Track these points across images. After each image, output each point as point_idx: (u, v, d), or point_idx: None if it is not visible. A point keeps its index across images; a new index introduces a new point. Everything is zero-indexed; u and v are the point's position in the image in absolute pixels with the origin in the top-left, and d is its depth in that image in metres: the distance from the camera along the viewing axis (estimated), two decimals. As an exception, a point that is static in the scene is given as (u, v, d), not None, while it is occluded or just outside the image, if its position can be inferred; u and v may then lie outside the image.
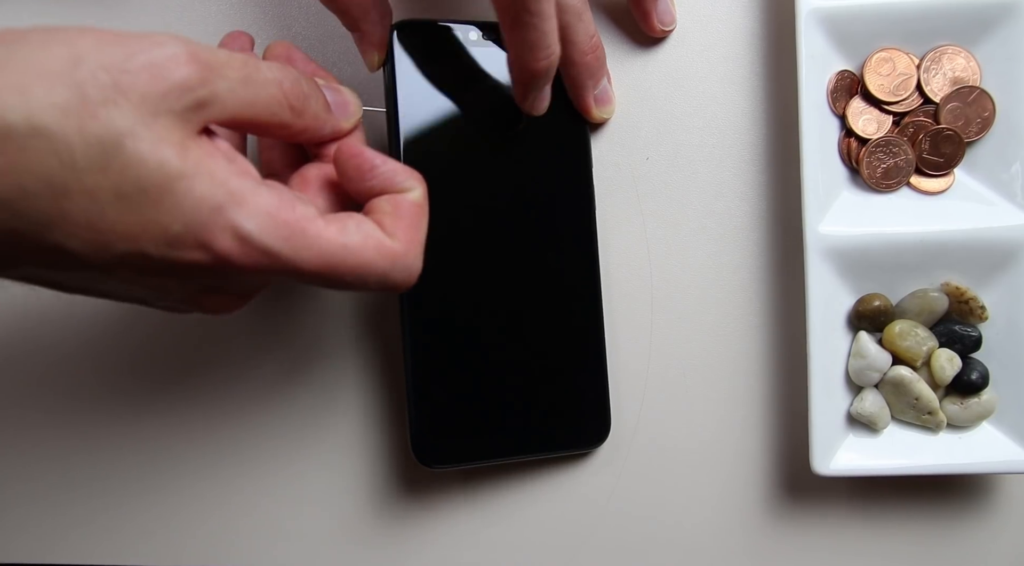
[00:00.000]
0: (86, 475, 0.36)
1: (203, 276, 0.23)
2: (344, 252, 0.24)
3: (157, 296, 0.25)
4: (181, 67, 0.22)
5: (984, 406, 0.32)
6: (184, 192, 0.22)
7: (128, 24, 0.35)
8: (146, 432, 0.35)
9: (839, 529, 0.35)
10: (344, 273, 0.24)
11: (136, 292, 0.24)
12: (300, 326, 0.35)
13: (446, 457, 0.33)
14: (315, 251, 0.23)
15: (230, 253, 0.22)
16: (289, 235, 0.23)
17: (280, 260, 0.23)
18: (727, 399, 0.35)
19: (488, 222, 0.32)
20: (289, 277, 0.24)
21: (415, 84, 0.32)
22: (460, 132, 0.32)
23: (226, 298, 0.26)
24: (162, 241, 0.22)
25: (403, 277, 0.25)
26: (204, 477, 0.35)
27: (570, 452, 0.34)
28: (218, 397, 0.35)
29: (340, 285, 0.25)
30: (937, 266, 0.32)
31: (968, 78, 0.32)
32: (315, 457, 0.35)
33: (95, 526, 0.36)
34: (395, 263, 0.25)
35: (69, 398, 0.35)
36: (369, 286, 0.25)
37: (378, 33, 0.30)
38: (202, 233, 0.22)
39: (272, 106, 0.24)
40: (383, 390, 0.35)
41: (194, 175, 0.22)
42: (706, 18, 0.35)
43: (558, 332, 0.33)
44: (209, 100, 0.23)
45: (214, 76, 0.23)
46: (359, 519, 0.35)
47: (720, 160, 0.35)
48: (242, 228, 0.22)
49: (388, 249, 0.25)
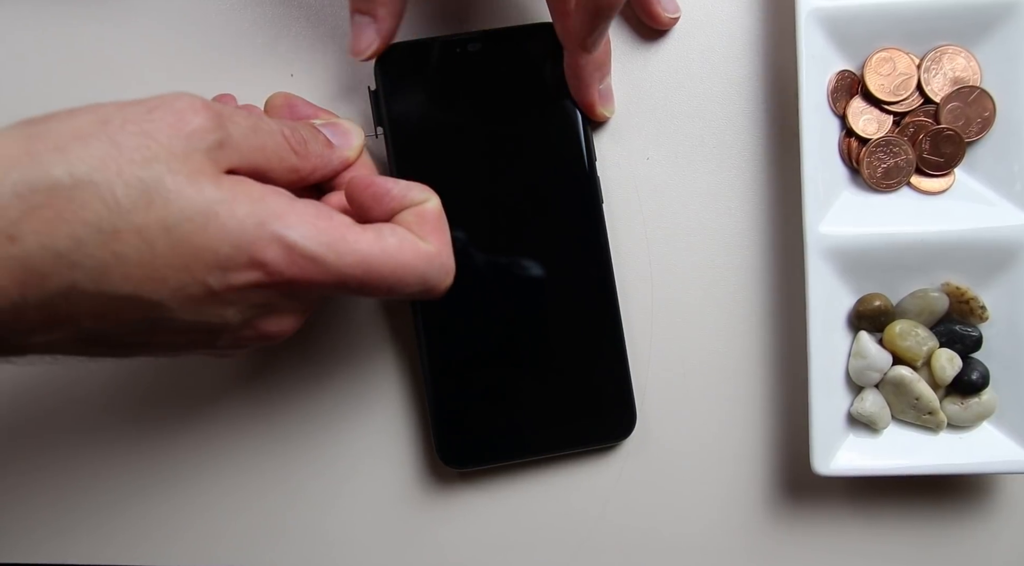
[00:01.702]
0: (88, 475, 0.35)
1: (257, 297, 0.24)
2: (383, 255, 0.25)
3: (213, 335, 0.25)
4: (199, 113, 0.24)
5: (984, 406, 0.32)
6: (228, 215, 0.23)
7: (128, 25, 0.35)
8: (155, 435, 0.35)
9: (839, 529, 0.35)
10: (386, 275, 0.25)
11: (195, 337, 0.25)
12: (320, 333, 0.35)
13: (471, 458, 0.33)
14: (356, 255, 0.24)
15: (279, 264, 0.23)
16: (330, 241, 0.24)
17: (325, 266, 0.24)
18: (727, 399, 0.35)
19: (498, 225, 0.32)
20: (334, 285, 0.25)
21: (406, 106, 0.32)
22: (459, 142, 0.32)
23: (281, 318, 0.26)
24: (215, 265, 0.23)
25: (440, 276, 0.27)
26: (222, 480, 0.35)
27: (597, 446, 0.34)
28: (232, 401, 0.35)
29: (381, 288, 0.25)
30: (937, 266, 0.32)
31: (968, 78, 0.32)
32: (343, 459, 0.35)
33: (98, 526, 0.36)
34: (431, 263, 0.26)
35: (69, 396, 0.35)
36: (409, 287, 0.26)
37: (389, 21, 0.31)
38: (251, 249, 0.23)
39: (280, 152, 0.26)
40: (409, 392, 0.35)
41: (233, 199, 0.23)
42: (706, 18, 0.35)
43: (575, 327, 0.33)
44: (226, 142, 0.24)
45: (227, 122, 0.24)
46: (385, 521, 0.35)
47: (720, 160, 0.35)
48: (287, 237, 0.23)
49: (423, 250, 0.26)
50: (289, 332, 0.27)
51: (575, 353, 0.33)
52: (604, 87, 0.33)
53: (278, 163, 0.26)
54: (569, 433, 0.33)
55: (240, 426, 0.35)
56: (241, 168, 0.25)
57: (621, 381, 0.33)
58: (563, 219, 0.33)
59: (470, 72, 0.32)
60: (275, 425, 0.35)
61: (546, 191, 0.33)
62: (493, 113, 0.32)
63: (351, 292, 0.25)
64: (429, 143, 0.32)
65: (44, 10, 0.35)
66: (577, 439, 0.34)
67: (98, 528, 0.36)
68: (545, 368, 0.33)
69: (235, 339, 0.26)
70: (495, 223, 0.32)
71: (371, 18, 0.31)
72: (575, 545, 0.35)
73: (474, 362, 0.33)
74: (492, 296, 0.33)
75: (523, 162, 0.32)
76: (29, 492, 0.36)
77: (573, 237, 0.33)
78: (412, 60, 0.32)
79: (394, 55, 0.32)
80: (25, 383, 0.36)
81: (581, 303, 0.33)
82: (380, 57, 0.32)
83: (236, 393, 0.35)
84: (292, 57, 0.35)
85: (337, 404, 0.35)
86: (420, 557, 0.35)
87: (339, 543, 0.35)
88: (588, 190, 0.33)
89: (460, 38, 0.32)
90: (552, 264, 0.33)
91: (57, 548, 0.36)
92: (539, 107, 0.33)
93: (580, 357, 0.33)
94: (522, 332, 0.33)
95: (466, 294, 0.32)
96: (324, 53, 0.35)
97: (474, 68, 0.32)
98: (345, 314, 0.35)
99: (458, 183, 0.32)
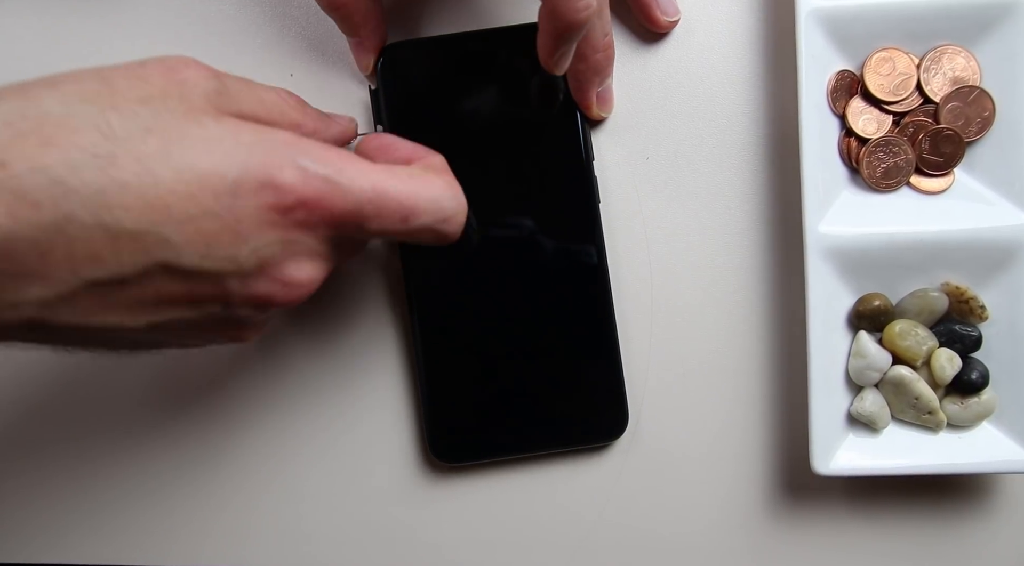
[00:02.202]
0: (88, 474, 0.35)
1: (272, 231, 0.23)
2: (396, 180, 0.25)
3: (226, 293, 0.23)
4: (191, 66, 0.23)
5: (984, 406, 0.32)
6: (233, 141, 0.22)
7: (128, 25, 0.35)
8: (150, 435, 0.35)
9: (839, 529, 0.35)
10: (401, 198, 0.25)
11: (205, 296, 0.23)
12: (316, 326, 0.35)
13: (463, 454, 0.34)
14: (367, 179, 0.24)
15: (293, 183, 0.22)
16: (341, 167, 0.24)
17: (340, 187, 0.23)
18: (727, 399, 0.35)
19: (494, 223, 0.33)
20: (351, 212, 0.24)
21: (405, 105, 0.32)
22: (457, 141, 0.32)
23: (301, 263, 0.24)
24: (223, 191, 0.22)
25: (454, 206, 0.26)
26: (219, 478, 0.35)
27: (588, 446, 0.35)
28: (229, 399, 0.35)
29: (396, 216, 0.25)
30: (937, 266, 0.32)
31: (968, 78, 0.32)
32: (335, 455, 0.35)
33: (97, 526, 0.36)
34: (444, 191, 0.26)
35: (69, 396, 0.35)
36: (424, 216, 0.25)
37: (375, 38, 0.32)
38: (261, 171, 0.22)
39: (280, 106, 0.26)
40: (403, 386, 0.35)
41: (236, 129, 0.23)
42: (706, 18, 0.35)
43: (569, 327, 0.33)
44: (224, 92, 0.23)
45: (222, 75, 0.24)
46: (377, 514, 0.35)
47: (720, 160, 0.35)
48: (299, 161, 0.23)
49: (433, 180, 0.26)
50: (310, 284, 0.25)
51: (568, 352, 0.33)
52: (603, 89, 0.33)
53: (279, 117, 0.25)
54: (560, 432, 0.34)
55: (235, 419, 0.35)
56: (245, 117, 0.24)
57: (614, 382, 0.33)
58: (560, 218, 0.33)
59: (470, 71, 0.33)
60: (270, 415, 0.35)
61: (543, 190, 0.33)
62: (492, 112, 0.33)
63: (366, 225, 0.24)
64: (428, 141, 0.32)
65: (44, 10, 0.35)
66: (568, 438, 0.34)
67: (96, 529, 0.36)
68: (537, 366, 0.33)
69: (251, 297, 0.24)
70: (491, 221, 0.33)
71: (358, 39, 0.32)
72: (575, 545, 0.35)
73: (468, 357, 0.33)
74: (487, 292, 0.33)
75: (521, 161, 0.33)
76: (29, 492, 0.36)
77: (569, 236, 0.33)
78: (413, 59, 0.32)
79: (395, 54, 0.32)
80: (26, 381, 0.36)
81: (575, 303, 0.33)
82: (381, 57, 0.32)
83: (232, 387, 0.35)
84: (292, 57, 0.35)
85: (331, 395, 0.35)
86: (412, 550, 0.35)
87: (329, 534, 0.35)
88: (585, 190, 0.33)
89: (460, 37, 0.33)
90: (547, 262, 0.33)
91: (57, 548, 0.36)
92: (537, 107, 0.33)
93: (573, 356, 0.33)
94: (516, 329, 0.33)
95: (461, 289, 0.33)
96: (324, 53, 0.35)
97: (474, 67, 0.33)
98: (341, 306, 0.35)
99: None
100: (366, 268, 0.35)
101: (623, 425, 0.34)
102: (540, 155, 0.33)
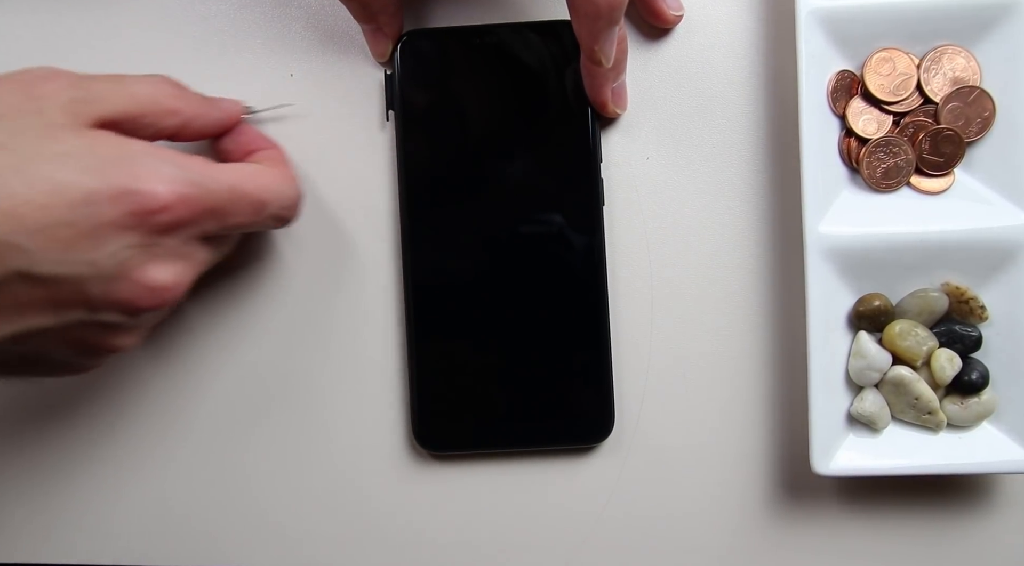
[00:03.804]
0: (87, 474, 0.35)
1: (131, 235, 0.23)
2: (245, 176, 0.27)
3: (85, 300, 0.23)
4: (49, 79, 0.24)
5: (984, 406, 0.32)
6: (89, 153, 0.23)
7: (128, 25, 0.35)
8: (150, 431, 0.35)
9: (839, 529, 0.35)
10: (251, 192, 0.27)
11: (64, 303, 0.23)
12: (306, 314, 0.35)
13: (447, 443, 0.34)
14: (222, 179, 0.26)
15: (155, 190, 0.23)
16: (199, 169, 0.25)
17: (198, 187, 0.25)
18: (727, 399, 0.35)
19: (495, 214, 0.33)
20: (209, 209, 0.25)
21: (420, 91, 0.33)
22: (466, 132, 0.33)
23: (164, 265, 0.25)
24: (80, 201, 0.22)
25: (293, 196, 0.29)
26: (207, 475, 0.35)
27: (572, 446, 0.35)
28: (220, 390, 0.35)
29: (247, 209, 0.27)
30: (937, 266, 0.32)
31: (968, 78, 0.32)
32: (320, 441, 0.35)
33: (95, 525, 0.36)
34: (285, 183, 0.29)
35: (68, 394, 0.35)
36: (271, 206, 0.28)
37: (394, 25, 0.32)
38: (119, 181, 0.23)
39: (155, 95, 0.26)
40: (392, 373, 0.35)
41: (93, 142, 0.23)
42: (706, 18, 0.35)
43: (561, 327, 0.33)
44: (86, 99, 0.24)
45: (86, 80, 0.24)
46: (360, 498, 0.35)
47: (720, 160, 0.35)
48: (159, 169, 0.24)
49: (276, 174, 0.29)
50: (175, 287, 0.25)
51: (558, 352, 0.33)
52: (618, 85, 0.33)
53: (155, 106, 0.26)
54: (545, 430, 0.34)
55: (219, 407, 0.35)
56: (114, 118, 0.25)
57: (602, 385, 0.33)
58: (562, 216, 0.33)
59: (486, 63, 0.33)
60: (256, 397, 0.35)
61: (548, 187, 0.33)
62: (504, 106, 0.33)
63: (225, 221, 0.26)
64: (438, 129, 0.33)
65: (44, 10, 0.35)
66: (552, 437, 0.34)
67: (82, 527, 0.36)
68: (527, 364, 0.33)
69: (114, 301, 0.24)
70: (493, 212, 0.33)
71: (375, 25, 0.32)
72: (573, 543, 0.35)
73: (459, 349, 0.33)
74: (483, 284, 0.33)
75: (528, 157, 0.33)
76: (30, 492, 0.36)
77: (570, 234, 0.33)
78: (431, 48, 0.33)
79: (414, 41, 0.33)
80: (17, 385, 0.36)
81: (569, 303, 0.33)
82: (401, 42, 0.33)
83: (217, 375, 0.35)
84: (292, 57, 0.35)
85: (320, 382, 0.35)
86: (395, 538, 0.35)
87: (314, 516, 0.35)
88: (590, 190, 0.33)
89: (479, 29, 0.33)
90: (545, 259, 0.33)
91: (55, 547, 0.36)
92: (550, 104, 0.33)
93: (563, 356, 0.33)
94: (509, 325, 0.33)
95: (457, 280, 0.33)
96: (324, 53, 0.35)
97: (490, 60, 0.33)
98: (331, 294, 0.35)
99: (461, 171, 0.33)
100: (353, 258, 0.35)
101: (608, 429, 0.34)
102: (549, 153, 0.33)
